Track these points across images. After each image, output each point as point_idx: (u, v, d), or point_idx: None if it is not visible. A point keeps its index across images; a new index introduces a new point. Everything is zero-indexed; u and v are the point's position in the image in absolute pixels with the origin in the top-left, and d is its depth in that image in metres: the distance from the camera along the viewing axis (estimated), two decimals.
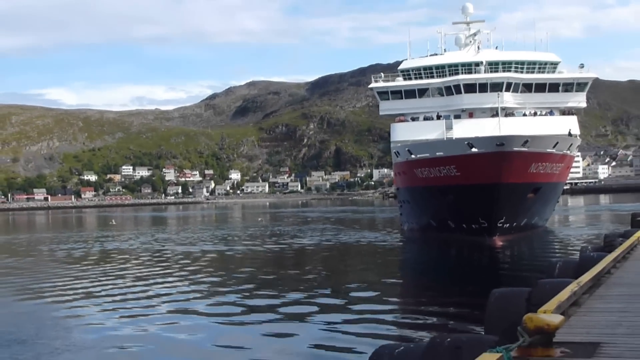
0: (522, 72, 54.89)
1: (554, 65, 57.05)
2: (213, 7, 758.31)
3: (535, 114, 55.14)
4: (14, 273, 34.53)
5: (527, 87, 54.89)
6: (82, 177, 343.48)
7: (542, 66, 56.33)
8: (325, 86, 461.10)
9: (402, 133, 56.18)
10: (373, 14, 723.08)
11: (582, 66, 58.28)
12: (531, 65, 55.82)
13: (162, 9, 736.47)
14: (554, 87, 55.70)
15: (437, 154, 44.28)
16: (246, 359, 15.51)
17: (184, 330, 18.87)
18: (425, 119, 56.37)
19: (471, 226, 41.70)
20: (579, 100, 57.21)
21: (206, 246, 48.57)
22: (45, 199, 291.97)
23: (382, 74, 61.32)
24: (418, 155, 47.23)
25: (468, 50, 58.28)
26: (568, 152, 47.72)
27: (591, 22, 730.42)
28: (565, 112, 56.91)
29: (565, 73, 57.31)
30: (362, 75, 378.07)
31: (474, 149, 40.36)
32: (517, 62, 55.25)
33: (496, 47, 59.42)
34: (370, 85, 60.31)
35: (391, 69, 61.53)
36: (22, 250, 50.15)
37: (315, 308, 21.38)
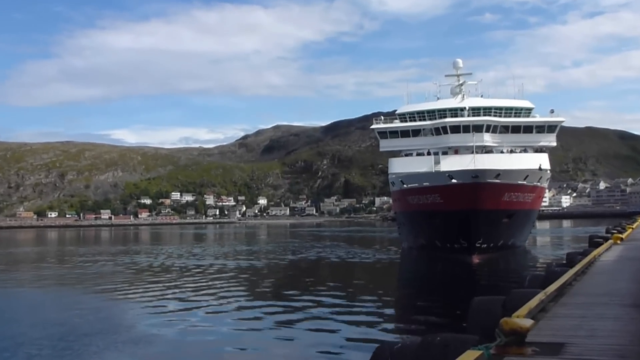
0: (500, 116, 54.30)
1: (528, 110, 56.32)
2: (245, 66, 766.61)
3: (511, 151, 54.44)
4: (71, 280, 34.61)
5: (505, 129, 54.36)
6: (140, 201, 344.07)
7: (518, 111, 55.63)
8: (336, 129, 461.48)
9: (398, 166, 55.89)
10: (373, 72, 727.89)
11: (552, 111, 57.41)
12: (509, 111, 55.11)
13: (205, 67, 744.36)
14: (528, 129, 54.94)
15: (424, 184, 43.86)
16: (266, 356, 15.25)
17: (213, 338, 18.29)
18: (418, 154, 55.97)
19: (454, 246, 40.67)
20: (550, 140, 56.23)
21: (238, 259, 48.42)
22: (110, 217, 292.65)
23: (382, 117, 61.05)
24: (409, 185, 46.87)
25: (456, 98, 57.60)
26: (538, 184, 46.84)
27: (551, 80, 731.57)
28: (538, 150, 55.99)
29: (538, 117, 56.44)
30: (366, 121, 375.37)
31: (453, 180, 39.64)
32: (496, 108, 54.63)
33: (481, 95, 58.72)
34: (372, 126, 59.79)
35: (390, 117, 61.29)
36: (89, 259, 50.28)
37: (327, 311, 21.16)
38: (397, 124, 58.20)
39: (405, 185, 47.66)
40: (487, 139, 53.06)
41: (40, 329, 18.44)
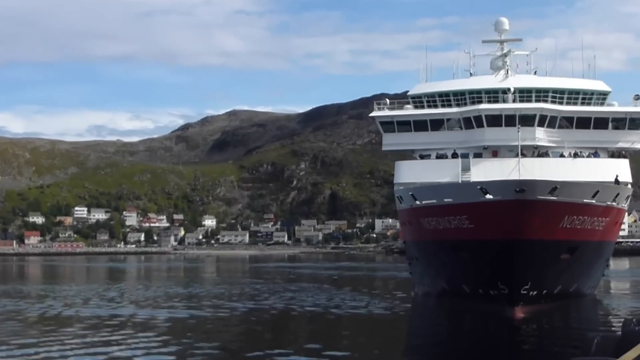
0: (561, 103, 54.19)
1: (602, 95, 56.08)
2: (187, 24, 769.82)
3: (575, 154, 54.30)
4: None
5: (568, 122, 54.44)
6: (27, 219, 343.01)
7: (587, 96, 55.34)
8: (320, 119, 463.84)
9: (409, 174, 55.80)
10: (375, 35, 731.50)
11: (637, 98, 56.13)
12: (573, 95, 54.98)
13: (128, 24, 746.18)
14: (601, 123, 54.71)
15: (445, 200, 43.78)
16: None
17: None
18: (439, 156, 55.90)
19: (489, 292, 40.71)
20: (633, 139, 56.13)
21: (173, 307, 48.25)
22: None
23: (388, 101, 60.37)
24: (423, 202, 46.88)
25: (497, 74, 57.43)
26: (614, 203, 46.58)
27: (635, 53, 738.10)
28: (615, 154, 56.36)
29: (616, 106, 56.30)
30: (365, 106, 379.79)
31: (488, 196, 39.64)
32: (554, 91, 54.54)
33: (534, 72, 58.75)
34: (372, 114, 59.58)
35: (399, 100, 61.11)
36: None
37: None
38: (409, 110, 58.20)
39: (418, 202, 47.71)
40: (541, 135, 53.09)
41: None
